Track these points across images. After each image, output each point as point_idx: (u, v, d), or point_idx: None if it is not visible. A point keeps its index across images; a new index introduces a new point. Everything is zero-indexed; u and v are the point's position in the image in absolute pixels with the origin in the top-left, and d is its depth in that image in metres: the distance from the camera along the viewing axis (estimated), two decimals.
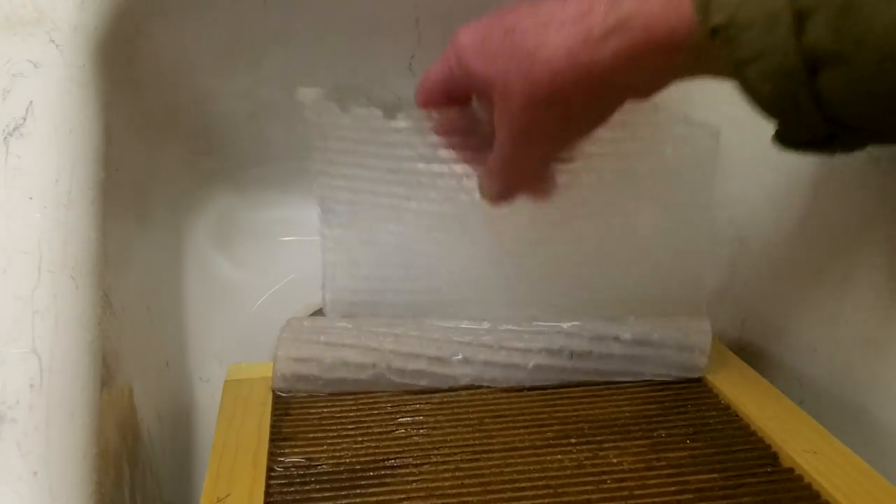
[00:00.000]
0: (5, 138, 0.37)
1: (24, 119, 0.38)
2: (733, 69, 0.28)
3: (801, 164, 0.47)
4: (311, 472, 0.34)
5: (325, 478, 0.34)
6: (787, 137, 0.30)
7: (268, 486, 0.33)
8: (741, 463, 0.35)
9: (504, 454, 0.35)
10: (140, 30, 0.49)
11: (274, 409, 0.39)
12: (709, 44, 0.28)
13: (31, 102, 0.38)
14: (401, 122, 0.40)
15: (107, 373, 0.34)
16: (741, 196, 0.55)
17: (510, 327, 0.41)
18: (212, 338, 0.55)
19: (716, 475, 0.33)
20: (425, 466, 0.34)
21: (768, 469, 0.34)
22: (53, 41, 0.41)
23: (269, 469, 0.34)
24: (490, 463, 0.34)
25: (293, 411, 0.39)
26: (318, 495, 0.33)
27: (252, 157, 0.60)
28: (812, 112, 0.27)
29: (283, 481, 0.33)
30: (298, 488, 0.33)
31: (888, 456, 0.38)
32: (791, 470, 0.34)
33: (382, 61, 0.57)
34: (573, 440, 0.36)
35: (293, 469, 0.34)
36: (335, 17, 0.54)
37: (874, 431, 0.39)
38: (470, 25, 0.38)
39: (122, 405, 0.37)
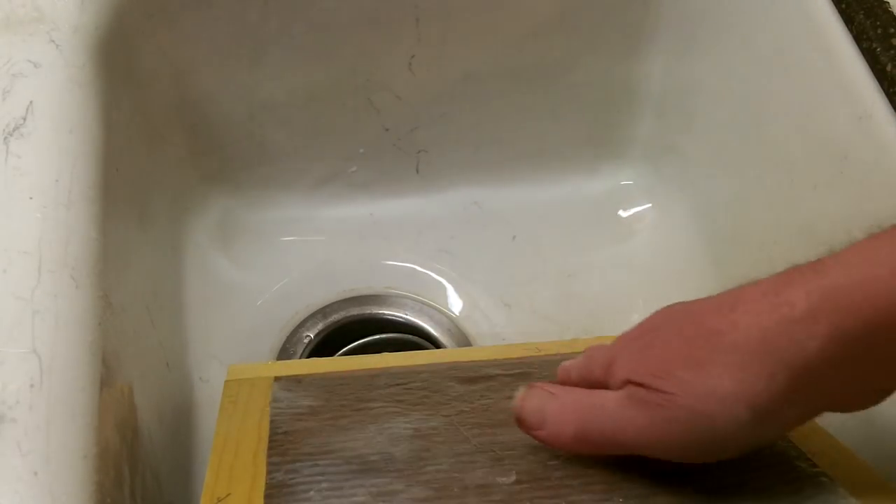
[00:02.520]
0: (5, 138, 0.37)
1: (24, 119, 0.38)
2: None
3: (805, 165, 0.47)
4: (311, 471, 0.34)
5: (325, 476, 0.34)
6: None
7: (268, 485, 0.33)
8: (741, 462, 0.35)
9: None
10: (140, 30, 0.49)
11: (274, 405, 0.39)
12: None
13: (31, 102, 0.38)
14: None
15: (107, 373, 0.34)
16: (740, 194, 0.55)
17: None
18: (212, 338, 0.55)
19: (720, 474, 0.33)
20: (429, 463, 0.34)
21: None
22: (53, 41, 0.41)
23: (270, 468, 0.34)
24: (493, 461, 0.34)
25: (294, 406, 0.38)
26: (319, 495, 0.32)
27: (252, 157, 0.60)
28: None
29: (283, 480, 0.33)
30: (299, 487, 0.33)
31: (888, 456, 0.38)
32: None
33: (382, 61, 0.57)
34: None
35: (294, 468, 0.34)
36: (335, 17, 0.54)
37: (874, 431, 0.39)
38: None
39: (122, 405, 0.37)
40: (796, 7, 0.47)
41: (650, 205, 0.63)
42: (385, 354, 0.43)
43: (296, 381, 0.41)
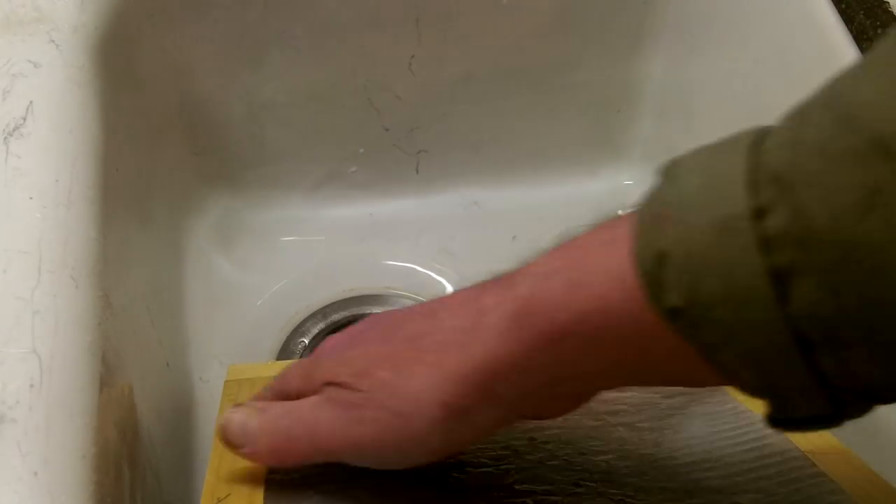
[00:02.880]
0: (5, 138, 0.37)
1: (24, 119, 0.38)
2: (703, 354, 0.21)
3: None
4: (311, 470, 0.34)
5: (326, 476, 0.34)
6: (783, 420, 0.23)
7: (268, 485, 0.33)
8: (740, 462, 0.35)
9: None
10: (140, 30, 0.49)
11: None
12: (660, 327, 0.22)
13: (31, 102, 0.38)
14: None
15: (107, 373, 0.34)
16: None
17: None
18: (212, 338, 0.55)
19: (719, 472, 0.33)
20: (429, 464, 0.34)
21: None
22: (53, 41, 0.41)
23: (270, 469, 0.34)
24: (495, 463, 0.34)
25: None
26: (319, 495, 0.32)
27: (252, 157, 0.60)
28: (813, 390, 0.20)
29: (283, 480, 0.33)
30: (299, 487, 0.33)
31: (888, 456, 0.38)
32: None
33: (382, 61, 0.57)
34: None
35: (294, 469, 0.34)
36: (335, 18, 0.54)
37: (874, 432, 0.39)
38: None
39: (122, 405, 0.37)
40: (796, 7, 0.47)
41: None
42: None
43: None
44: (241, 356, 0.54)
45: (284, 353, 0.56)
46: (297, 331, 0.57)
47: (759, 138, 0.22)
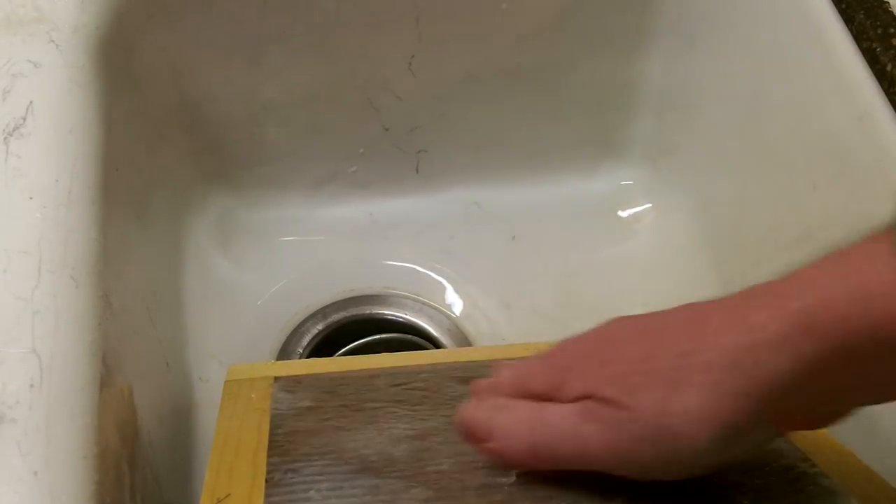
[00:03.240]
0: (5, 138, 0.37)
1: (24, 119, 0.38)
2: None
3: (805, 165, 0.47)
4: (311, 470, 0.34)
5: (325, 476, 0.34)
6: None
7: (268, 485, 0.33)
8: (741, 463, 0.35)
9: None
10: (140, 30, 0.49)
11: (274, 405, 0.39)
12: None
13: (31, 102, 0.38)
14: None
15: (107, 373, 0.34)
16: (740, 194, 0.55)
17: None
18: (212, 338, 0.55)
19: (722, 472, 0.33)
20: (429, 463, 0.34)
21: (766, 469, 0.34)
22: (53, 41, 0.41)
23: (270, 468, 0.34)
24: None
25: (294, 406, 0.38)
26: (319, 495, 0.32)
27: (252, 157, 0.60)
28: None
29: (283, 480, 0.33)
30: (299, 487, 0.33)
31: (888, 456, 0.38)
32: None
33: (382, 61, 0.57)
34: None
35: (293, 468, 0.34)
36: (335, 17, 0.54)
37: (874, 432, 0.39)
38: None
39: (123, 405, 0.37)
40: (796, 7, 0.47)
41: (650, 205, 0.63)
42: (385, 354, 0.43)
43: (296, 381, 0.41)
44: (241, 356, 0.54)
45: (284, 353, 0.56)
46: (297, 331, 0.57)
47: None
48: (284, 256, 0.60)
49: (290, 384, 0.40)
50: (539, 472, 0.33)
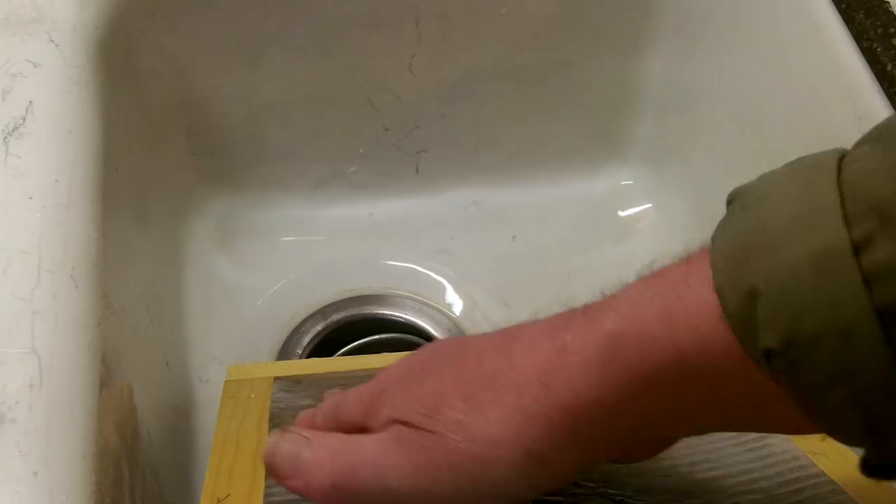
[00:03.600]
0: (5, 138, 0.37)
1: (24, 119, 0.38)
2: (804, 397, 0.20)
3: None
4: None
5: None
6: (884, 466, 0.22)
7: (268, 486, 0.33)
8: (741, 463, 0.35)
9: None
10: (140, 30, 0.49)
11: (274, 405, 0.39)
12: (754, 369, 0.21)
13: (30, 102, 0.38)
14: None
15: (107, 373, 0.34)
16: None
17: None
18: (212, 338, 0.55)
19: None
20: None
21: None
22: (53, 41, 0.41)
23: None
24: None
25: (294, 407, 0.38)
26: None
27: (252, 157, 0.60)
28: None
29: None
30: None
31: None
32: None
33: (382, 61, 0.57)
34: None
35: None
36: (335, 17, 0.54)
37: None
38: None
39: (122, 405, 0.37)
40: (796, 7, 0.47)
41: (650, 205, 0.63)
42: (385, 355, 0.43)
43: (295, 381, 0.41)
44: (241, 356, 0.54)
45: (284, 353, 0.56)
46: (297, 331, 0.57)
47: (838, 164, 0.21)
48: (284, 256, 0.60)
49: (289, 384, 0.40)
50: None
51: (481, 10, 0.55)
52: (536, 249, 0.62)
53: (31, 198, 0.35)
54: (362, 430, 0.28)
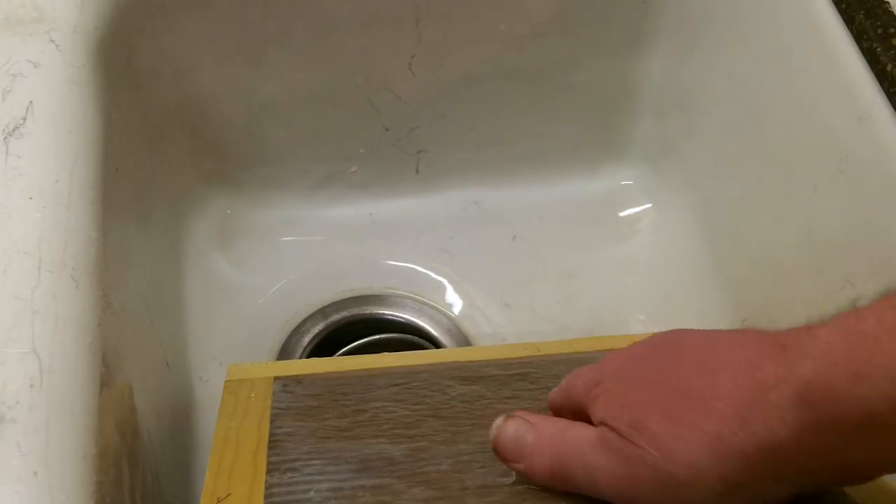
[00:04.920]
0: (5, 138, 0.37)
1: (24, 119, 0.38)
2: None
3: (805, 165, 0.47)
4: (311, 470, 0.34)
5: (325, 476, 0.34)
6: None
7: (268, 485, 0.33)
8: None
9: None
10: (140, 30, 0.49)
11: (274, 404, 0.39)
12: None
13: (31, 102, 0.38)
14: None
15: (107, 373, 0.34)
16: (740, 194, 0.55)
17: None
18: (212, 338, 0.55)
19: None
20: (429, 463, 0.34)
21: None
22: (53, 41, 0.41)
23: (270, 468, 0.34)
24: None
25: (294, 406, 0.38)
26: (319, 495, 0.32)
27: (252, 157, 0.60)
28: None
29: (283, 481, 0.33)
30: (299, 487, 0.33)
31: None
32: None
33: (382, 61, 0.57)
34: None
35: (294, 468, 0.34)
36: (335, 17, 0.54)
37: None
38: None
39: (122, 405, 0.37)
40: (796, 7, 0.47)
41: (650, 205, 0.63)
42: (385, 354, 0.43)
43: (296, 381, 0.41)
44: (241, 356, 0.54)
45: (284, 352, 0.56)
46: (297, 331, 0.57)
47: None
48: (284, 256, 0.60)
49: (290, 384, 0.40)
50: None
51: (481, 10, 0.55)
52: (536, 249, 0.62)
53: (31, 198, 0.35)
54: (576, 412, 0.31)
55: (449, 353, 0.53)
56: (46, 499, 0.27)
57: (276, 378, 0.41)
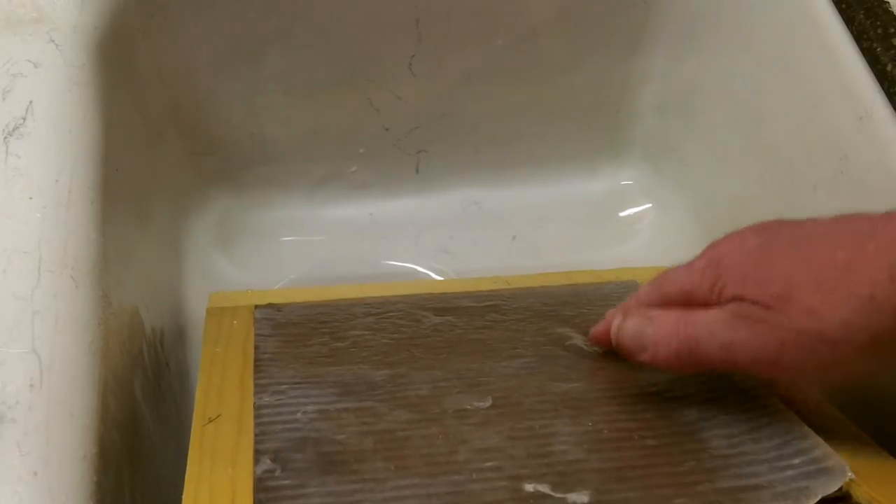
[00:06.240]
0: (5, 138, 0.37)
1: (24, 119, 0.38)
2: None
3: (805, 165, 0.47)
4: (296, 393, 0.34)
5: (310, 399, 0.34)
6: None
7: (257, 406, 0.33)
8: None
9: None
10: (140, 30, 0.49)
11: (257, 331, 0.39)
12: None
13: (30, 102, 0.38)
14: None
15: (107, 373, 0.34)
16: (740, 194, 0.55)
17: None
18: None
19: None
20: (409, 388, 0.35)
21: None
22: (53, 41, 0.41)
23: (257, 390, 0.34)
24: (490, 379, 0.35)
25: (276, 333, 0.39)
26: (304, 417, 0.33)
27: (252, 157, 0.60)
28: None
29: (270, 402, 0.34)
30: (286, 409, 0.33)
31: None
32: None
33: (382, 61, 0.57)
34: None
35: (280, 390, 0.35)
36: (335, 17, 0.54)
37: (883, 421, 0.39)
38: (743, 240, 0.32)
39: (122, 405, 0.37)
40: (796, 7, 0.47)
41: (650, 205, 0.63)
42: (361, 285, 0.45)
43: (276, 309, 0.41)
44: None
45: None
46: None
47: None
48: (284, 256, 0.60)
49: (271, 312, 0.41)
50: (512, 397, 0.34)
51: (481, 10, 0.55)
52: (536, 249, 0.62)
53: (31, 198, 0.35)
54: (688, 303, 0.32)
55: (423, 285, 0.54)
56: (46, 499, 0.27)
57: (256, 306, 0.41)
